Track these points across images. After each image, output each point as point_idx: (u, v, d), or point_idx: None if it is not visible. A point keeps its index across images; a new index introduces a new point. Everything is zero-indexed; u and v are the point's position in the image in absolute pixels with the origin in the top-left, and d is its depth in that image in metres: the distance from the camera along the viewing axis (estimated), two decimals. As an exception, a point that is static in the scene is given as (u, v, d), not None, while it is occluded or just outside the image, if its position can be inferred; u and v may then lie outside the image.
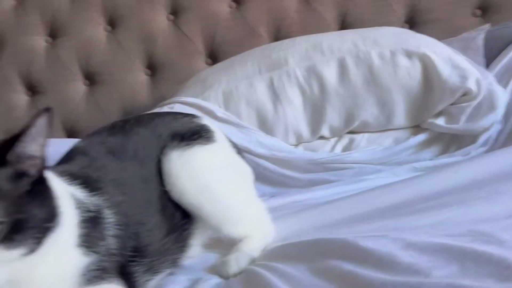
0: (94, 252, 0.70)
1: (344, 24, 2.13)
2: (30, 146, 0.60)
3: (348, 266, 0.70)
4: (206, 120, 1.04)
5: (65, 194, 0.71)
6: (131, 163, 0.88)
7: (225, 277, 0.87)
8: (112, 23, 2.39)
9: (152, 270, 0.82)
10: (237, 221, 0.96)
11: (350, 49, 1.69)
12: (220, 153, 0.99)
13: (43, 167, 0.65)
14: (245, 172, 1.06)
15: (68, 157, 0.89)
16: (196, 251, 0.98)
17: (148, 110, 2.03)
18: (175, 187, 0.89)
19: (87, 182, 0.77)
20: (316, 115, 1.67)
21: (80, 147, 0.92)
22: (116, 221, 0.77)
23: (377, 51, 1.66)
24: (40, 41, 2.38)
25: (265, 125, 1.69)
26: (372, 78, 1.64)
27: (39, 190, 0.63)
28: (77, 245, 0.69)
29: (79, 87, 2.37)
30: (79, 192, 0.75)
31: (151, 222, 0.84)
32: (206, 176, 0.91)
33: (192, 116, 1.05)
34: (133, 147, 0.90)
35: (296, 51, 1.75)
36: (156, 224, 0.85)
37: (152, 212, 0.86)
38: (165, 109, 1.78)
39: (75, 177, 0.77)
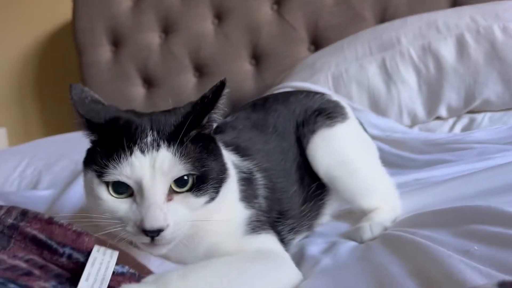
0: (252, 207, 0.77)
1: (457, 2, 2.03)
2: (216, 114, 0.69)
3: (495, 229, 0.69)
4: (336, 96, 1.08)
5: (225, 155, 0.79)
6: (272, 137, 0.95)
7: (358, 241, 0.89)
8: (219, 16, 2.51)
9: (293, 231, 0.88)
10: (370, 193, 0.98)
11: (468, 25, 1.60)
12: (355, 129, 1.03)
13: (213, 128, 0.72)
14: (373, 146, 1.07)
15: (218, 130, 0.96)
16: (327, 220, 1.03)
17: (253, 99, 2.11)
18: (318, 162, 0.94)
19: (239, 149, 0.85)
20: (432, 94, 1.61)
21: (228, 121, 1.00)
22: (265, 184, 0.84)
23: (500, 25, 1.56)
24: (154, 38, 2.58)
25: (377, 107, 1.67)
26: (494, 54, 1.54)
27: (213, 148, 0.70)
28: (239, 199, 0.77)
29: (190, 78, 2.52)
30: (233, 157, 0.82)
31: (291, 190, 0.89)
32: (346, 151, 0.95)
33: (322, 93, 1.07)
34: (273, 122, 0.97)
35: (409, 31, 1.70)
36: (295, 192, 0.90)
37: (292, 181, 0.91)
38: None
39: (228, 145, 0.84)
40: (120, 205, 0.63)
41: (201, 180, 0.65)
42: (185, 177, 0.64)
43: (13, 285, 0.48)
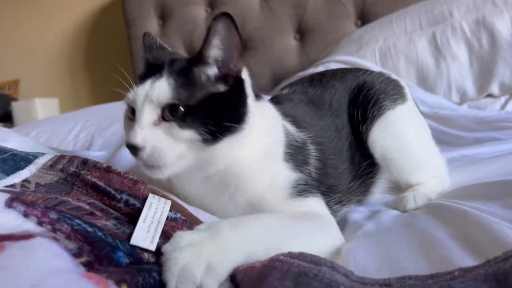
0: (300, 171, 0.78)
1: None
2: (213, 51, 0.69)
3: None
4: (394, 75, 1.06)
5: (278, 120, 0.82)
6: (328, 113, 0.95)
7: (401, 211, 0.89)
8: (265, -10, 2.50)
9: (340, 204, 0.89)
10: (421, 170, 0.97)
11: (528, -3, 1.53)
12: (414, 109, 1.02)
13: (238, 79, 0.72)
14: (425, 123, 1.06)
15: (275, 101, 1.00)
16: (376, 197, 1.02)
17: (296, 73, 2.11)
18: (378, 145, 0.94)
19: (295, 121, 0.86)
20: (484, 71, 1.56)
21: (285, 94, 1.02)
22: (317, 156, 0.84)
23: None
24: (200, 11, 2.60)
25: (425, 82, 1.63)
26: (555, 29, 1.47)
27: (229, 98, 0.71)
28: (284, 160, 0.77)
29: (234, 53, 2.54)
30: (289, 126, 0.84)
31: (341, 167, 0.90)
32: (406, 135, 0.95)
33: (381, 72, 1.05)
34: (329, 99, 0.97)
35: (462, 4, 1.64)
36: (345, 169, 0.91)
37: (343, 159, 0.91)
38: (320, 68, 1.82)
39: (286, 115, 0.86)
40: (127, 126, 0.72)
41: (189, 114, 0.66)
42: (178, 107, 0.66)
43: (79, 220, 0.52)
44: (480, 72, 1.56)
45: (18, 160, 0.72)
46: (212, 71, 0.70)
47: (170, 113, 0.66)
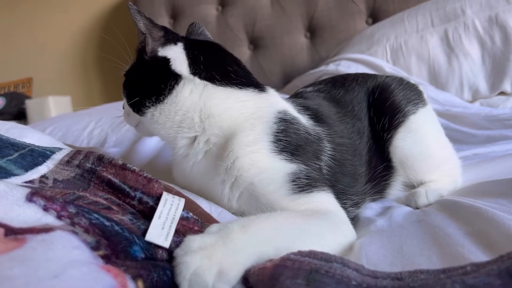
0: (304, 164, 0.76)
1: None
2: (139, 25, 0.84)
3: None
4: (412, 80, 1.07)
5: (268, 111, 0.80)
6: (350, 115, 0.96)
7: (413, 207, 0.89)
8: (276, -12, 2.50)
9: (356, 206, 0.89)
10: (437, 170, 0.98)
11: (542, -6, 1.51)
12: (432, 113, 1.05)
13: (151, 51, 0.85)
14: (439, 122, 1.06)
15: (299, 96, 1.03)
16: (390, 198, 1.02)
17: (307, 71, 2.11)
18: (399, 150, 0.95)
19: (316, 115, 0.88)
20: (497, 68, 1.55)
21: (309, 91, 1.04)
22: (332, 155, 0.85)
23: None
24: (211, 10, 2.62)
25: (437, 80, 1.63)
26: None
27: (149, 70, 0.84)
28: (273, 151, 0.75)
29: (245, 51, 2.55)
30: (306, 120, 0.85)
31: (359, 170, 0.90)
32: (426, 139, 0.97)
33: (401, 77, 1.06)
34: (351, 102, 0.98)
35: (474, 1, 1.63)
36: (362, 173, 0.92)
37: (362, 162, 0.92)
38: (331, 66, 1.82)
39: (307, 109, 0.88)
40: None
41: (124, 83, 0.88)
42: None
43: (97, 215, 0.53)
44: (493, 69, 1.55)
45: (36, 156, 0.73)
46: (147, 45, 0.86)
47: None
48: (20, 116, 3.29)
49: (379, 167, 0.95)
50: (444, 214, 0.75)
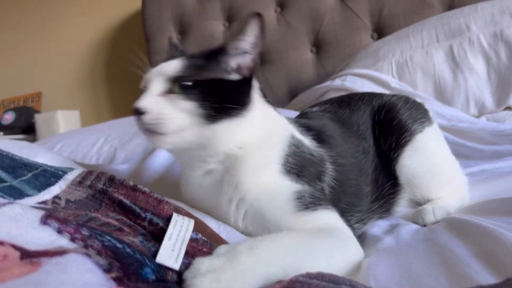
0: (308, 184, 0.79)
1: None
2: (245, 43, 0.77)
3: None
4: (419, 95, 1.07)
5: (283, 129, 0.84)
6: (355, 135, 0.96)
7: (420, 224, 0.89)
8: (282, 4, 2.53)
9: (362, 222, 0.90)
10: (445, 188, 0.98)
11: (546, 10, 1.52)
12: (438, 131, 1.05)
13: (253, 70, 0.80)
14: (445, 141, 1.06)
15: (304, 116, 1.04)
16: (397, 216, 1.02)
17: (313, 86, 2.12)
18: (405, 169, 0.95)
19: (318, 136, 0.89)
20: (502, 83, 1.55)
21: (315, 111, 1.05)
22: (335, 176, 0.85)
23: None
24: (218, 26, 2.65)
25: (443, 95, 1.64)
26: None
27: (238, 87, 0.78)
28: (281, 171, 0.78)
29: (251, 66, 2.57)
30: (308, 140, 0.88)
31: (364, 190, 0.91)
32: (433, 158, 0.97)
33: (407, 96, 1.06)
34: (356, 121, 0.99)
35: (479, 17, 1.64)
36: (369, 192, 0.92)
37: (368, 182, 0.92)
38: (337, 81, 1.83)
39: (309, 130, 0.89)
40: None
41: (194, 88, 0.74)
42: (185, 83, 0.74)
43: (109, 237, 0.54)
44: (499, 84, 1.56)
45: (49, 176, 0.75)
46: (232, 60, 0.78)
47: (178, 87, 0.74)
48: (29, 130, 3.33)
49: (386, 186, 0.95)
50: (452, 233, 0.75)
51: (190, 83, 0.74)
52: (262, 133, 0.81)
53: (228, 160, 0.79)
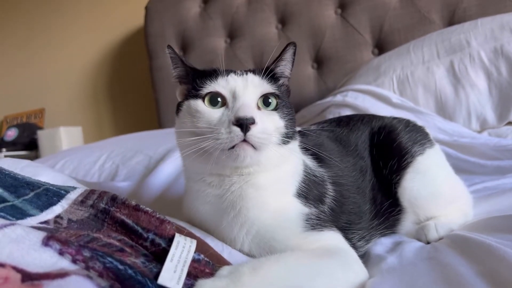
0: (314, 207, 0.80)
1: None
2: (281, 66, 0.86)
3: None
4: (420, 114, 1.07)
5: (299, 155, 0.86)
6: (353, 154, 0.97)
7: (423, 241, 0.89)
8: (283, 21, 2.56)
9: (364, 240, 0.89)
10: (447, 207, 0.98)
11: (546, 26, 1.53)
12: (440, 153, 1.04)
13: (289, 89, 0.89)
14: (447, 162, 1.07)
15: (301, 134, 1.01)
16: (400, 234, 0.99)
17: (314, 102, 2.13)
18: (407, 191, 0.94)
19: (318, 156, 0.89)
20: (504, 99, 1.55)
21: (313, 129, 1.04)
22: (334, 196, 0.86)
23: None
24: (220, 42, 2.67)
25: (444, 111, 1.64)
26: None
27: (287, 100, 0.83)
28: (295, 195, 0.79)
29: (253, 81, 2.58)
30: (309, 160, 0.88)
31: (363, 208, 0.91)
32: (436, 180, 0.97)
33: (407, 119, 1.07)
34: (355, 141, 1.00)
35: (479, 33, 1.65)
36: (367, 210, 0.92)
37: (365, 200, 0.92)
38: (338, 97, 1.84)
39: (307, 149, 0.89)
40: (214, 113, 0.75)
41: (282, 106, 0.78)
42: (270, 99, 0.77)
43: (110, 258, 0.54)
44: (500, 100, 1.56)
45: (51, 195, 0.75)
46: (279, 82, 0.84)
47: (265, 104, 0.76)
48: (32, 146, 3.34)
49: (385, 204, 0.94)
50: (455, 251, 0.74)
51: (283, 102, 0.78)
52: (295, 156, 0.83)
53: (251, 180, 0.78)
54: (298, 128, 0.91)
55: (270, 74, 0.81)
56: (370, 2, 2.32)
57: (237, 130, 0.70)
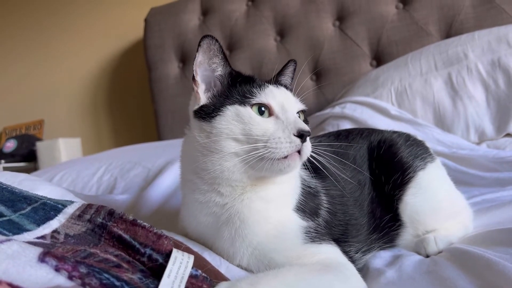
0: (311, 220, 0.80)
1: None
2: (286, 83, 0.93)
3: None
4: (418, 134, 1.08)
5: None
6: (351, 167, 0.96)
7: (422, 254, 0.89)
8: (282, 33, 2.57)
9: (361, 252, 0.89)
10: (447, 220, 0.97)
11: (543, 38, 1.54)
12: (441, 168, 1.04)
13: None
14: (448, 177, 1.05)
15: None
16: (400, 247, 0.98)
17: (313, 114, 2.14)
18: (409, 207, 0.94)
19: (310, 167, 0.88)
20: (502, 111, 1.56)
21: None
22: (327, 208, 0.86)
23: None
24: (219, 54, 2.68)
25: (442, 122, 1.64)
26: None
27: None
28: (294, 209, 0.80)
29: (252, 93, 2.59)
30: (302, 171, 0.89)
31: (361, 221, 0.91)
32: (438, 195, 0.97)
33: (408, 133, 1.07)
34: (353, 154, 0.99)
35: (476, 45, 1.66)
36: (365, 223, 0.92)
37: (363, 213, 0.92)
38: (337, 108, 1.84)
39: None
40: (269, 123, 0.77)
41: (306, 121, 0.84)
42: (299, 114, 0.84)
43: (107, 274, 0.53)
44: (498, 111, 1.57)
45: (48, 210, 0.74)
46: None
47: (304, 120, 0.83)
48: (30, 157, 3.34)
49: (384, 219, 0.94)
50: (455, 265, 0.74)
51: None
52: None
53: (260, 192, 0.80)
54: None
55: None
56: (368, 14, 2.34)
57: (297, 140, 0.74)
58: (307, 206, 0.81)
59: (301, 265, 0.72)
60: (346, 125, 1.71)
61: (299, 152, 0.75)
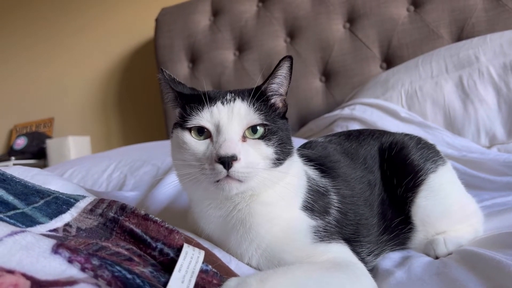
0: (320, 219, 0.80)
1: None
2: (274, 84, 0.80)
3: None
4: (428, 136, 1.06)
5: (302, 168, 0.85)
6: (361, 167, 0.96)
7: (431, 255, 0.88)
8: (291, 34, 2.58)
9: (373, 254, 0.88)
10: (458, 223, 0.97)
11: (555, 42, 1.53)
12: (452, 171, 1.03)
13: (286, 104, 0.84)
14: (458, 180, 1.05)
15: (307, 146, 1.03)
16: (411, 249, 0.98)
17: (322, 115, 2.14)
18: (421, 210, 0.93)
19: (322, 166, 0.89)
20: (513, 114, 1.55)
21: (319, 141, 1.04)
22: (339, 208, 0.85)
23: None
24: (229, 55, 2.70)
25: (453, 126, 1.63)
26: None
27: (283, 122, 0.80)
28: (301, 208, 0.80)
29: (261, 94, 2.59)
30: (311, 171, 0.89)
31: (371, 221, 0.90)
32: (449, 199, 0.96)
33: (418, 137, 1.05)
34: (363, 154, 0.99)
35: (488, 48, 1.66)
36: (375, 223, 0.91)
37: (373, 213, 0.92)
38: (346, 110, 1.84)
39: (310, 160, 0.89)
40: (200, 146, 0.74)
41: (271, 133, 0.75)
42: (258, 127, 0.75)
43: (119, 267, 0.54)
44: (509, 115, 1.56)
45: (61, 204, 0.75)
46: (274, 101, 0.81)
47: (252, 132, 0.74)
48: (40, 155, 3.37)
49: (395, 221, 0.93)
50: (465, 267, 0.74)
51: (273, 127, 0.75)
52: (296, 170, 0.82)
53: (257, 198, 0.78)
54: (301, 140, 0.91)
55: (263, 95, 0.79)
56: (379, 16, 2.33)
57: (219, 167, 0.70)
58: (315, 205, 0.81)
59: (311, 263, 0.72)
60: (355, 127, 1.71)
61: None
